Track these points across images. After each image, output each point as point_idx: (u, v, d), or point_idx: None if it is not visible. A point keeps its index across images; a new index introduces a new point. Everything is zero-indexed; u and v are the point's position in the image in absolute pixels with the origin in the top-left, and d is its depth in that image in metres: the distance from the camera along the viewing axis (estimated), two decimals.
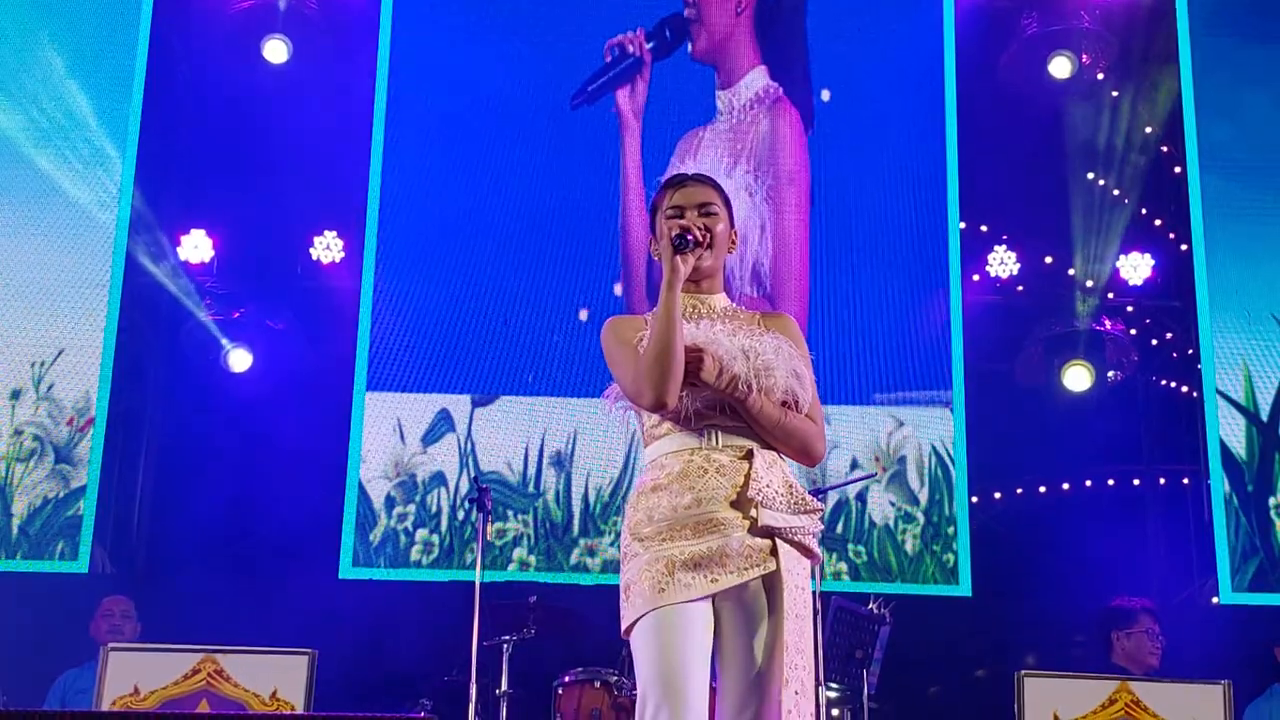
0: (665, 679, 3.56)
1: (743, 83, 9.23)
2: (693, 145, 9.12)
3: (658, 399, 3.68)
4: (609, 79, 9.19)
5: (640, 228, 8.87)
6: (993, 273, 9.31)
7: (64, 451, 8.53)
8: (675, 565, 3.62)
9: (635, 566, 3.68)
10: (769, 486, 3.70)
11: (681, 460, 3.73)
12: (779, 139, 9.12)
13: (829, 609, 6.86)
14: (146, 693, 5.25)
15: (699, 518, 3.66)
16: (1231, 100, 9.23)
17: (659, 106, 9.20)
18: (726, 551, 3.63)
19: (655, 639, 3.60)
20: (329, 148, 9.05)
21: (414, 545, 8.55)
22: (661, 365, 3.66)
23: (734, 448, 3.75)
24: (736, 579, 3.63)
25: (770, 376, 3.74)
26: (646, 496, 3.74)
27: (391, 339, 8.84)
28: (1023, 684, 5.37)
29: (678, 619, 3.60)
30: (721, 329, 3.82)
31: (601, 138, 9.16)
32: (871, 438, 8.75)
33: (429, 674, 7.37)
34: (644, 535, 3.69)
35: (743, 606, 3.67)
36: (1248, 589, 8.52)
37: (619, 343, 3.85)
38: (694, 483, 3.69)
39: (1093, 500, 9.18)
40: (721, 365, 3.70)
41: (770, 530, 3.68)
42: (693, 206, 3.91)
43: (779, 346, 3.81)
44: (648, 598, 3.61)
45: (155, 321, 9.27)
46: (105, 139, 8.94)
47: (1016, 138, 9.32)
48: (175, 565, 8.78)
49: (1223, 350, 8.89)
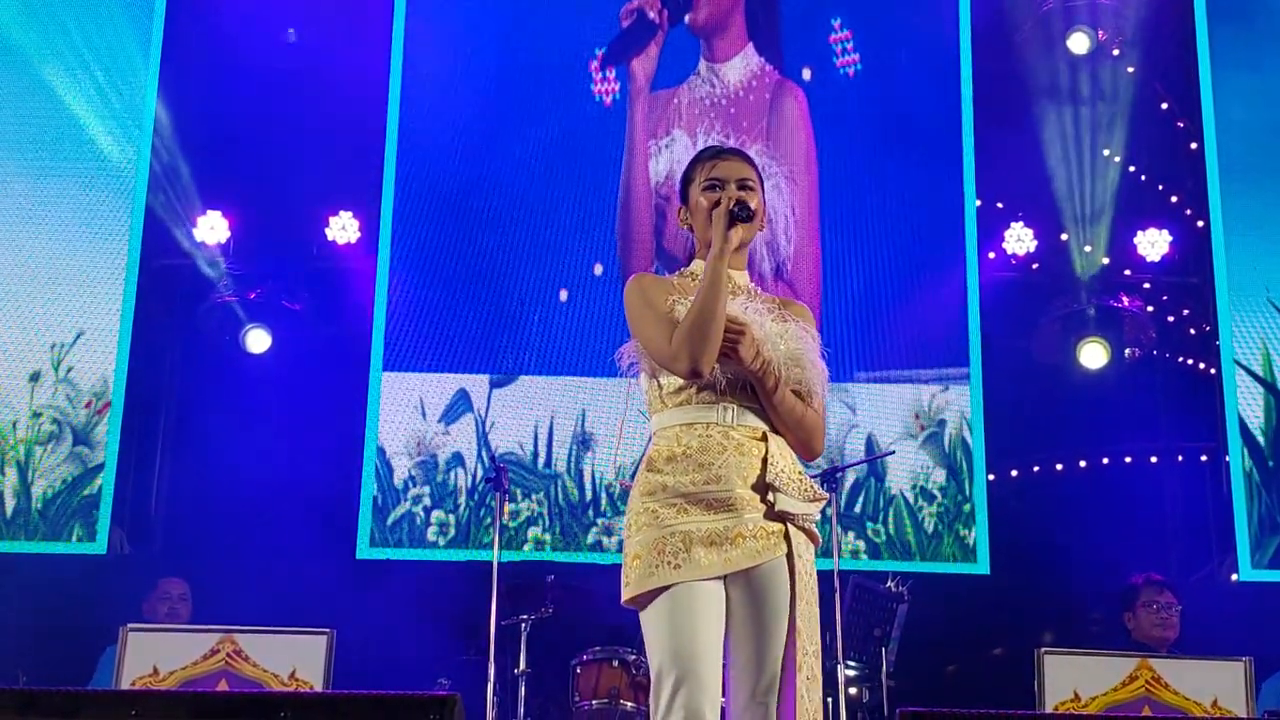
0: (681, 659, 3.56)
1: (735, 60, 9.20)
2: (672, 109, 9.08)
3: (694, 366, 3.66)
4: (630, 43, 9.15)
5: (643, 197, 8.87)
6: (1009, 250, 9.28)
7: (82, 434, 8.55)
8: (691, 541, 3.60)
9: (647, 539, 3.65)
10: (784, 472, 3.70)
11: (698, 435, 3.71)
12: (791, 123, 9.09)
13: (847, 587, 6.85)
14: (166, 673, 5.27)
15: (716, 494, 3.64)
16: (1248, 75, 9.19)
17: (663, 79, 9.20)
18: (741, 532, 3.62)
19: (670, 617, 3.59)
20: (344, 128, 9.04)
21: (430, 525, 8.56)
22: (704, 333, 3.64)
23: (748, 428, 3.73)
24: (749, 560, 3.63)
25: (799, 366, 3.73)
26: (662, 466, 3.71)
27: (408, 319, 8.84)
28: (1043, 661, 5.35)
29: (692, 597, 3.59)
30: (752, 308, 3.80)
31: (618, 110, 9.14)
32: (889, 414, 8.74)
33: (447, 654, 7.38)
34: (657, 507, 3.67)
35: (754, 589, 3.66)
36: (1268, 566, 8.50)
37: (647, 304, 3.81)
38: (713, 459, 3.67)
39: (1111, 478, 9.15)
40: (759, 345, 3.69)
41: (784, 515, 3.68)
42: (733, 180, 3.88)
43: (802, 336, 3.80)
44: (663, 573, 3.60)
45: (172, 303, 9.28)
46: (121, 122, 8.95)
47: (1033, 114, 9.28)
48: (193, 546, 8.79)
49: (1240, 326, 8.86)
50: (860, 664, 7.05)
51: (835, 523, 6.45)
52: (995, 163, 9.18)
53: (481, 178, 9.02)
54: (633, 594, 3.66)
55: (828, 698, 6.75)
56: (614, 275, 8.84)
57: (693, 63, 9.20)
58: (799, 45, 9.32)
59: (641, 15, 9.18)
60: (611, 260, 8.90)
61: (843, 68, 9.29)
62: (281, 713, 3.27)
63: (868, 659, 6.99)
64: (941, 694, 8.07)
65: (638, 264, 8.84)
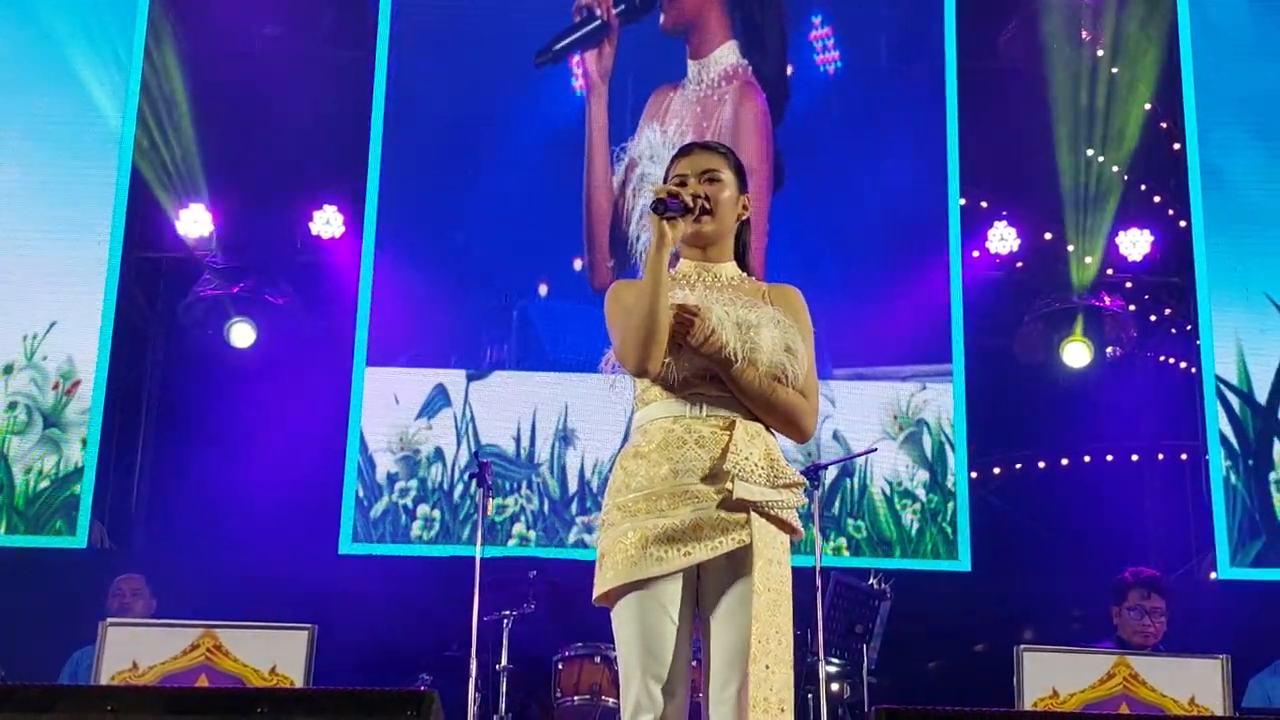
0: (644, 659, 3.57)
1: (713, 55, 9.22)
2: (662, 106, 9.11)
3: (639, 363, 3.65)
4: (575, 40, 9.17)
5: (604, 193, 8.90)
6: (993, 249, 9.31)
7: (53, 416, 8.52)
8: (649, 538, 3.60)
9: (611, 536, 3.66)
10: (747, 459, 3.66)
11: (663, 429, 3.70)
12: (741, 127, 9.10)
13: (829, 584, 6.87)
14: (145, 668, 5.24)
15: (675, 489, 3.63)
16: (1230, 77, 9.21)
17: (622, 70, 9.18)
18: (700, 524, 3.61)
19: (634, 618, 3.60)
20: (329, 122, 9.03)
21: (414, 521, 8.56)
22: (644, 329, 3.63)
23: (718, 418, 3.71)
24: (709, 552, 3.61)
25: (758, 350, 3.70)
26: (628, 463, 3.72)
27: (392, 314, 8.84)
28: (1022, 658, 5.36)
29: (654, 597, 3.60)
30: (718, 298, 3.79)
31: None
32: (870, 411, 8.76)
33: (429, 649, 7.38)
34: (622, 503, 3.67)
35: (719, 581, 3.65)
36: (1250, 565, 8.53)
37: (619, 309, 3.80)
38: (672, 453, 3.66)
39: (1092, 475, 9.18)
40: (709, 329, 3.67)
41: (745, 503, 3.65)
42: (696, 174, 3.86)
43: (777, 319, 3.77)
44: (621, 570, 3.60)
45: (154, 296, 9.26)
46: (104, 113, 8.93)
47: (1018, 113, 9.30)
48: (174, 541, 8.79)
49: (1220, 327, 8.89)
50: (842, 660, 7.06)
51: (817, 520, 6.45)
52: (979, 161, 9.20)
53: (465, 172, 9.02)
54: (597, 593, 3.68)
55: (809, 693, 6.77)
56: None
57: (681, 62, 9.21)
58: (779, 43, 9.33)
59: (589, 14, 9.19)
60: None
61: (823, 65, 9.30)
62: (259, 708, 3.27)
63: (849, 655, 7.00)
64: (923, 690, 8.08)
65: (598, 256, 8.87)
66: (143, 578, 7.57)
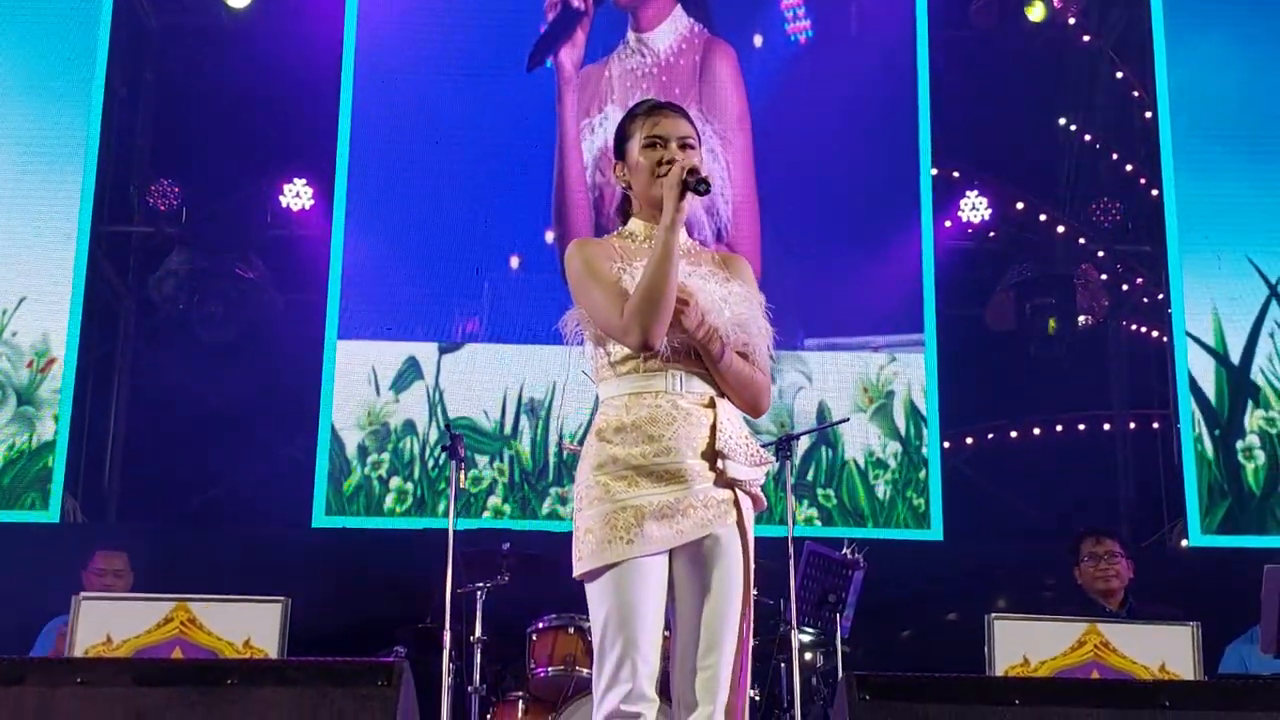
0: (627, 632, 3.57)
1: (663, 25, 9.18)
2: (603, 84, 9.07)
3: (646, 339, 3.61)
4: (557, 34, 9.13)
5: (578, 181, 8.88)
6: (964, 218, 9.32)
7: (26, 394, 8.49)
8: (643, 515, 3.59)
9: (599, 513, 3.63)
10: (732, 439, 3.68)
11: (647, 404, 3.68)
12: (721, 81, 9.08)
13: (801, 554, 6.88)
14: (119, 641, 5.23)
15: (667, 466, 3.63)
16: (1202, 46, 9.22)
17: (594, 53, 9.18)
18: (691, 502, 3.62)
19: (618, 592, 3.59)
20: (299, 94, 8.99)
21: (388, 493, 8.55)
22: (657, 307, 3.59)
23: (696, 394, 3.71)
24: (700, 531, 3.62)
25: (744, 330, 3.71)
26: (610, 437, 3.69)
27: (362, 286, 8.81)
28: (993, 627, 5.37)
29: (640, 571, 3.59)
30: (696, 273, 3.77)
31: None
32: (843, 381, 8.77)
33: (403, 621, 7.37)
34: (606, 479, 3.65)
35: (700, 557, 3.65)
36: (1216, 531, 8.58)
37: (591, 272, 3.75)
38: (663, 430, 3.65)
39: (1063, 444, 9.22)
40: (704, 314, 3.67)
41: (732, 482, 3.67)
42: (674, 139, 3.81)
43: (745, 296, 3.78)
44: (616, 548, 3.58)
45: (125, 269, 9.22)
46: (70, 88, 8.87)
47: (989, 83, 9.30)
48: (147, 514, 8.77)
49: (1192, 294, 8.92)
50: (815, 630, 7.07)
51: (790, 490, 6.46)
52: (951, 131, 9.20)
53: (435, 144, 8.99)
54: (586, 568, 3.64)
55: (781, 662, 6.80)
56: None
57: (619, 34, 9.19)
58: (748, 11, 9.31)
59: (565, 6, 9.15)
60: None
61: (794, 34, 9.28)
62: (229, 679, 3.28)
63: (822, 625, 7.01)
64: (896, 659, 8.11)
65: (569, 232, 8.85)
66: (125, 555, 7.53)
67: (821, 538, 7.72)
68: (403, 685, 3.46)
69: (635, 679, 3.55)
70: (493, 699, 6.95)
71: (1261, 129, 9.09)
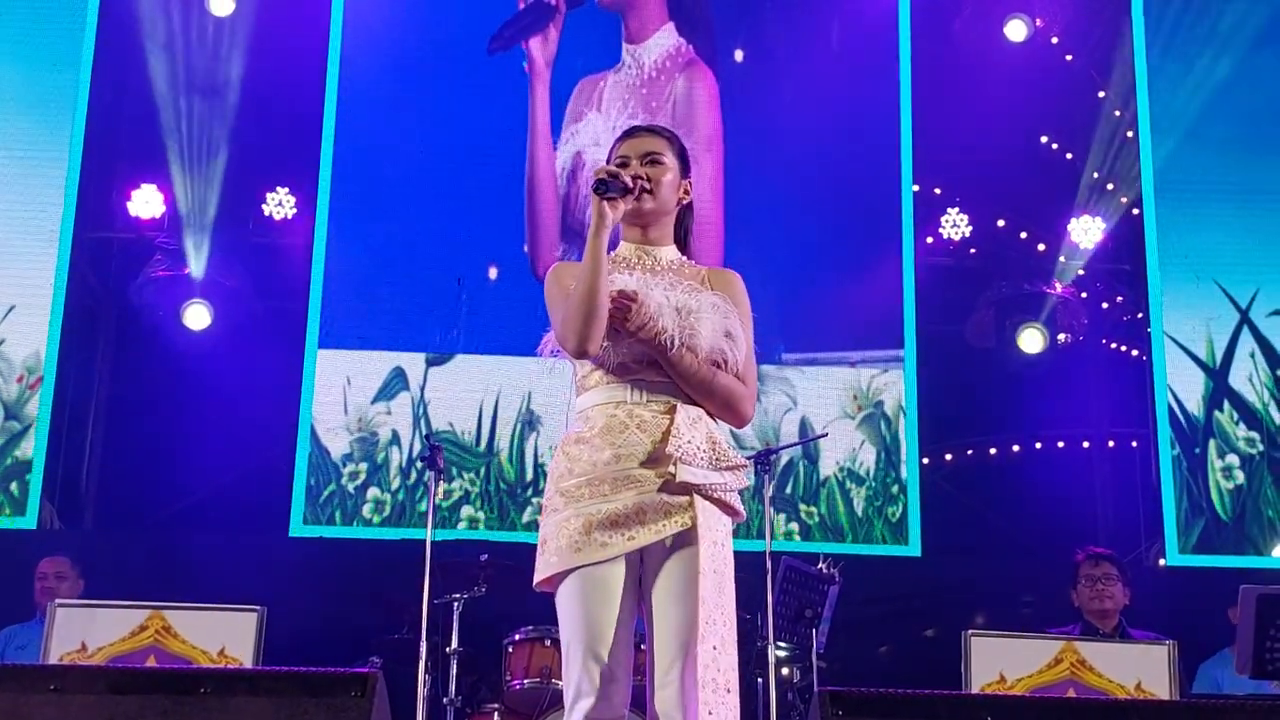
0: (586, 643, 3.58)
1: (652, 40, 9.20)
2: (596, 92, 9.09)
3: (579, 345, 3.65)
4: (524, 25, 9.14)
5: (547, 180, 8.88)
6: (945, 235, 9.35)
7: (13, 409, 8.47)
8: (593, 524, 3.61)
9: (554, 521, 3.67)
10: (689, 443, 3.67)
11: (605, 414, 3.71)
12: (695, 104, 9.11)
13: (778, 568, 6.88)
14: (94, 649, 5.22)
15: (617, 474, 3.64)
16: (1183, 65, 9.27)
17: (568, 55, 9.17)
18: (643, 508, 3.62)
19: (576, 602, 3.61)
20: (282, 103, 8.99)
21: (365, 504, 8.54)
22: (584, 311, 3.63)
23: (659, 403, 3.72)
24: (653, 536, 3.62)
25: (697, 336, 3.71)
26: (570, 449, 3.72)
27: (344, 296, 8.80)
28: (970, 644, 5.39)
29: (596, 581, 3.61)
30: (658, 282, 3.78)
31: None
32: (825, 397, 8.78)
33: (379, 631, 7.36)
34: (564, 489, 3.68)
35: (662, 564, 3.66)
36: (1193, 551, 8.61)
37: (558, 290, 3.81)
38: (615, 438, 3.67)
39: (1042, 462, 9.25)
40: (647, 315, 3.68)
41: (688, 486, 3.66)
42: (638, 156, 3.87)
43: (716, 304, 3.78)
44: (564, 556, 3.61)
45: (106, 277, 9.20)
46: (54, 93, 8.85)
47: (970, 101, 9.33)
48: (124, 521, 8.75)
49: (1171, 313, 8.95)
50: (791, 645, 7.07)
51: (768, 504, 6.47)
52: (933, 148, 9.23)
53: (418, 153, 9.00)
54: (538, 579, 3.70)
55: (758, 677, 6.79)
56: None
57: (617, 46, 9.19)
58: (728, 27, 9.34)
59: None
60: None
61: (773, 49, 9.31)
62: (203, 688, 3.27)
63: (799, 640, 7.01)
64: (872, 675, 8.11)
65: (544, 243, 8.86)
66: (68, 559, 7.52)
67: (799, 553, 7.73)
68: (377, 696, 3.46)
69: (595, 690, 3.56)
70: (468, 710, 6.95)
71: (1244, 148, 9.12)
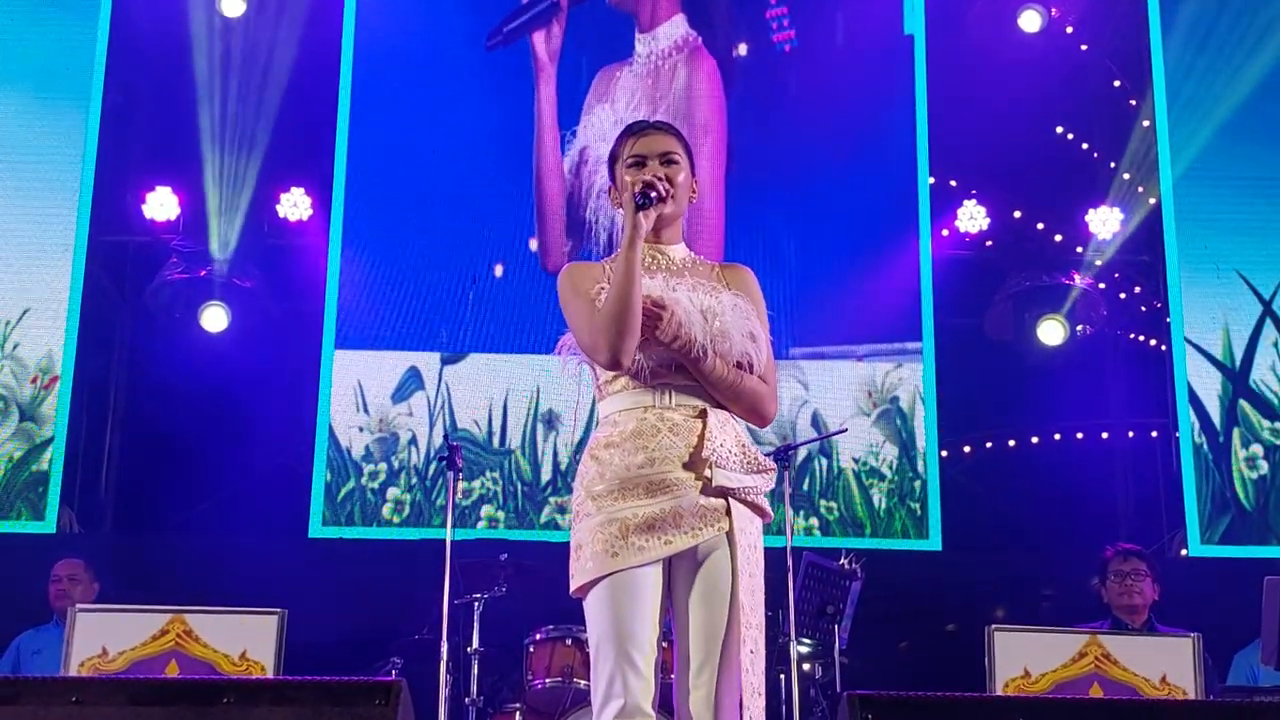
0: (619, 645, 3.57)
1: (662, 29, 9.17)
2: (610, 84, 9.07)
3: (613, 357, 3.64)
4: (525, 21, 9.12)
5: (554, 174, 8.87)
6: (962, 227, 9.30)
7: (28, 410, 8.47)
8: (629, 528, 3.60)
9: (588, 527, 3.66)
10: (722, 446, 3.67)
11: (635, 418, 3.70)
12: (694, 91, 9.08)
13: (799, 564, 6.86)
14: (115, 654, 5.21)
15: (652, 478, 3.64)
16: (1200, 54, 9.22)
17: (574, 50, 9.14)
18: (680, 512, 3.62)
19: (609, 605, 3.60)
20: (296, 103, 8.99)
21: (385, 504, 8.53)
22: (619, 323, 3.62)
23: (687, 407, 3.72)
24: (690, 540, 3.62)
25: (726, 340, 3.71)
26: (600, 453, 3.71)
27: (360, 296, 8.80)
28: (993, 638, 5.36)
29: (630, 584, 3.60)
30: (681, 285, 3.77)
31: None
32: (841, 391, 8.76)
33: (400, 633, 7.36)
34: (596, 493, 3.67)
35: (696, 567, 3.66)
36: (1217, 542, 8.56)
37: (575, 293, 3.80)
38: (647, 442, 3.66)
39: (1062, 454, 9.20)
40: (679, 325, 3.66)
41: (724, 490, 3.66)
42: (655, 155, 3.85)
43: (737, 305, 3.78)
44: (601, 561, 3.60)
45: (122, 279, 9.20)
46: (68, 97, 8.85)
47: (986, 92, 9.28)
48: (144, 525, 8.75)
49: (1191, 303, 8.91)
50: (813, 641, 7.05)
51: (788, 500, 6.45)
52: (948, 140, 9.19)
53: (432, 153, 8.99)
54: (576, 584, 3.68)
55: (780, 673, 6.76)
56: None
57: (627, 39, 9.17)
58: (734, 19, 9.30)
59: None
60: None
61: (779, 43, 9.28)
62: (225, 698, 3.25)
63: (820, 636, 6.99)
64: (894, 670, 8.11)
65: (552, 237, 8.84)
66: (81, 562, 7.52)
67: (820, 548, 7.71)
68: (401, 704, 3.44)
69: (628, 694, 3.55)
70: (490, 711, 6.94)
71: (1261, 138, 9.08)
